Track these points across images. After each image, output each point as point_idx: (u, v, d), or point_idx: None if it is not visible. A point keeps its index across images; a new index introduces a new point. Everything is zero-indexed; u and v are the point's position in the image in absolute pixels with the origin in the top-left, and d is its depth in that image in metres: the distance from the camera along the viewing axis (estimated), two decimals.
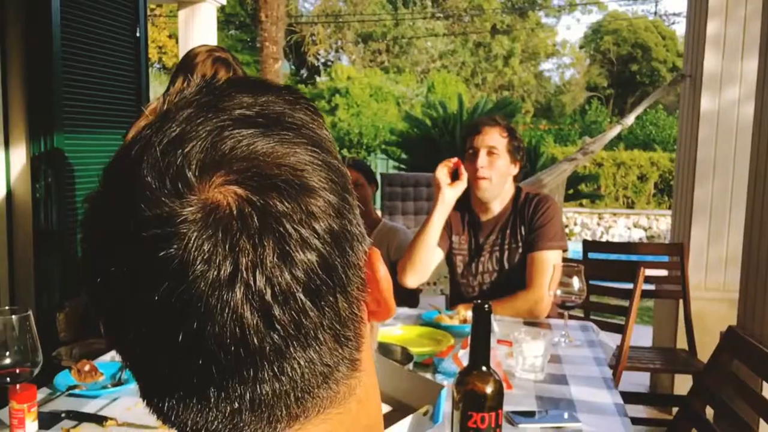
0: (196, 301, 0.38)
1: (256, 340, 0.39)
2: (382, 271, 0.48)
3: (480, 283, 2.48)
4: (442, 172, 2.38)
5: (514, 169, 2.46)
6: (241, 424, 0.42)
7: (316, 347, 0.42)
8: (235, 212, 0.39)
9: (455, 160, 2.41)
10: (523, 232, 2.43)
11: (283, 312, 0.40)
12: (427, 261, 2.42)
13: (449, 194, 2.37)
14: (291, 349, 0.41)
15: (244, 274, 0.39)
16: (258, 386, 0.41)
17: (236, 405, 0.41)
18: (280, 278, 0.39)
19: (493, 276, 2.47)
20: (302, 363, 0.41)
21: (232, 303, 0.38)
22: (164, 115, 0.44)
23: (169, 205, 0.39)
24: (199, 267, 0.38)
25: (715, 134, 3.54)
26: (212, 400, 0.41)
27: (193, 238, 0.38)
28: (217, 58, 2.20)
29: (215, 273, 0.38)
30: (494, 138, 2.40)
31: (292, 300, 0.40)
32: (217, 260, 0.38)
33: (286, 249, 0.39)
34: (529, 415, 1.53)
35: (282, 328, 0.40)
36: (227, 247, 0.38)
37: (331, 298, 0.42)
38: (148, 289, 0.39)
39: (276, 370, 0.41)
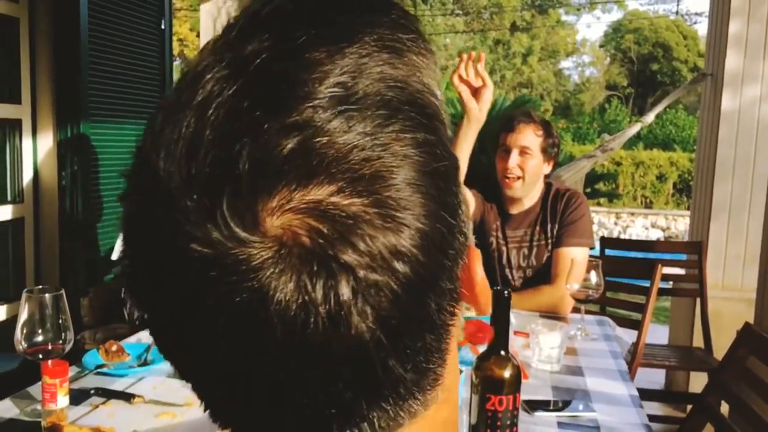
0: (266, 360, 0.33)
1: (323, 396, 0.34)
2: (480, 274, 0.43)
3: (502, 277, 2.48)
4: (463, 89, 2.04)
5: (548, 168, 2.42)
6: None
7: (392, 399, 0.36)
8: (304, 259, 0.32)
9: (465, 58, 2.06)
10: (552, 228, 2.41)
11: (355, 370, 0.34)
12: None
13: (474, 109, 2.03)
14: (363, 404, 0.35)
15: (319, 333, 0.32)
16: None
17: None
18: (356, 335, 0.33)
19: (519, 271, 2.46)
20: (376, 416, 0.36)
21: (302, 360, 0.33)
22: (212, 67, 0.33)
23: (221, 245, 0.32)
24: (275, 318, 0.32)
25: (735, 133, 3.53)
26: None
27: (264, 280, 0.32)
28: None
29: (288, 329, 0.32)
30: (528, 137, 2.35)
31: (367, 359, 0.34)
32: (291, 315, 0.32)
33: (368, 300, 0.33)
34: (544, 404, 1.55)
35: (356, 389, 0.35)
36: (299, 300, 0.32)
37: (418, 343, 0.36)
38: (204, 338, 0.34)
39: (348, 425, 0.36)
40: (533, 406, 1.52)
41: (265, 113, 0.31)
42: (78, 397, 1.42)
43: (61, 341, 1.39)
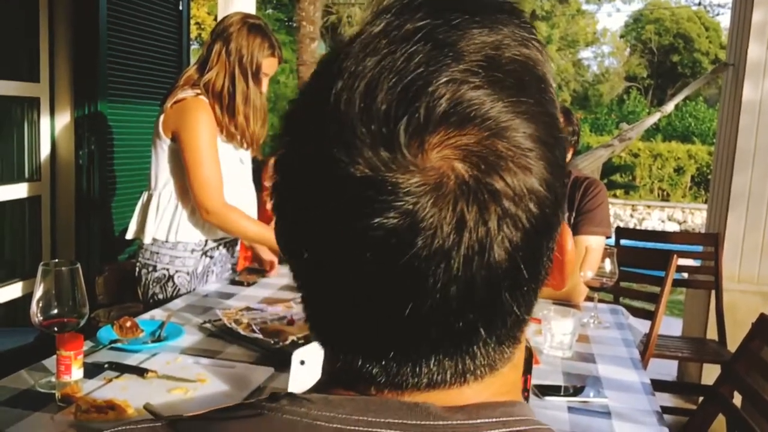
0: (410, 274, 0.39)
1: (452, 318, 0.40)
2: (569, 246, 0.48)
3: None
4: None
5: (567, 155, 2.41)
6: (403, 377, 0.43)
7: (501, 324, 0.43)
8: (462, 189, 0.38)
9: None
10: (570, 216, 2.40)
11: (488, 291, 0.40)
12: None
13: None
14: (479, 325, 0.42)
15: (462, 254, 0.39)
16: (434, 355, 0.43)
17: (414, 369, 0.43)
18: (493, 255, 0.39)
19: None
20: (484, 337, 0.43)
21: (443, 279, 0.39)
22: (388, 39, 0.40)
23: (385, 167, 0.38)
24: (420, 241, 0.38)
25: (756, 124, 3.49)
26: (387, 356, 0.43)
27: (418, 211, 0.38)
28: (251, 25, 2.19)
29: (435, 248, 0.38)
30: None
31: (497, 279, 0.40)
32: (441, 235, 0.38)
33: (503, 229, 0.39)
34: (555, 389, 1.55)
35: (478, 311, 0.41)
36: (453, 224, 0.38)
37: (524, 287, 0.43)
38: (351, 253, 0.39)
39: (458, 344, 0.42)
40: (544, 391, 1.52)
41: (434, 68, 0.38)
42: (92, 370, 1.43)
43: (76, 315, 1.40)
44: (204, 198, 2.11)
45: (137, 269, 2.27)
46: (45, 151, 3.25)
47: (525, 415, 0.46)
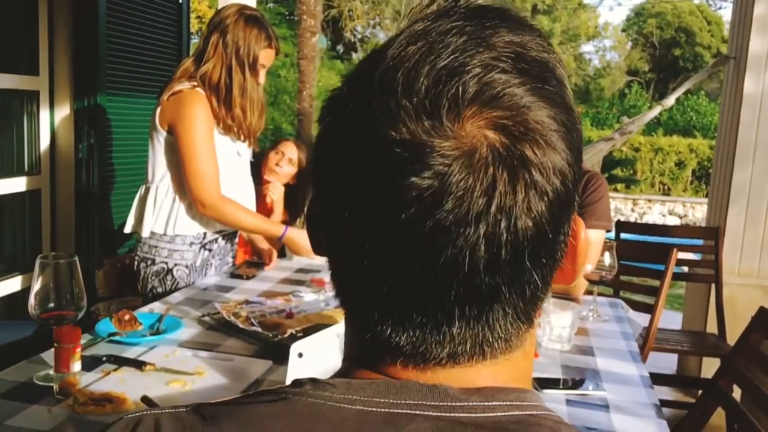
0: (440, 233, 0.42)
1: (478, 279, 0.43)
2: (583, 234, 0.51)
3: None
4: None
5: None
6: (427, 347, 0.46)
7: (519, 298, 0.46)
8: (493, 154, 0.42)
9: None
10: None
11: (512, 258, 0.43)
12: None
13: None
14: (502, 293, 0.44)
15: (491, 217, 0.42)
16: (457, 322, 0.45)
17: (429, 332, 0.45)
18: (519, 223, 0.42)
19: None
20: (504, 309, 0.45)
21: (471, 239, 0.42)
22: (427, 34, 0.45)
23: (424, 133, 0.42)
24: (450, 203, 0.41)
25: (757, 117, 3.47)
26: (412, 323, 0.45)
27: (451, 173, 0.41)
28: (248, 16, 2.18)
29: (466, 209, 0.41)
30: None
31: (521, 247, 0.43)
32: (472, 198, 0.41)
33: (530, 195, 0.42)
34: (554, 382, 1.55)
35: (504, 272, 0.43)
36: (483, 186, 0.41)
37: (545, 254, 0.45)
38: (385, 207, 0.43)
39: (480, 311, 0.45)
40: (543, 384, 1.52)
41: (468, 53, 0.43)
42: (90, 363, 1.43)
43: (74, 308, 1.40)
44: (199, 191, 2.11)
45: (136, 263, 2.27)
46: (44, 144, 3.25)
47: (536, 401, 0.49)
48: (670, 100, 4.28)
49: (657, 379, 2.84)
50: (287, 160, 2.97)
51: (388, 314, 0.46)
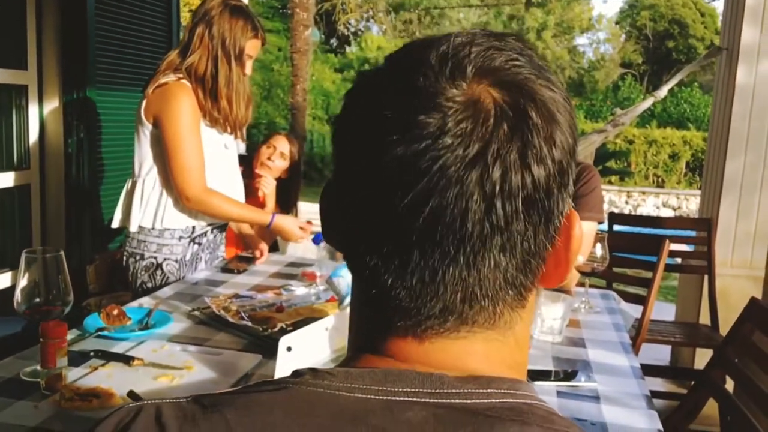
0: (437, 169, 0.44)
1: (470, 223, 0.45)
2: (578, 231, 0.53)
3: None
4: None
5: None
6: (423, 300, 0.48)
7: (509, 256, 0.48)
8: (496, 107, 0.46)
9: None
10: None
11: (503, 207, 0.45)
12: None
13: None
14: (493, 242, 0.46)
15: (488, 160, 0.44)
16: (451, 266, 0.47)
17: (427, 278, 0.48)
18: (513, 177, 0.45)
19: None
20: (493, 262, 0.47)
21: (465, 180, 0.44)
22: (449, 35, 0.51)
23: (441, 84, 0.46)
24: (450, 140, 0.44)
25: (749, 108, 3.47)
26: (410, 265, 0.47)
27: (453, 113, 0.45)
28: (233, 7, 2.16)
29: (462, 150, 0.44)
30: None
31: (513, 200, 0.45)
32: (470, 140, 0.44)
33: (527, 155, 0.45)
34: (545, 374, 1.55)
35: (495, 220, 0.45)
36: (482, 132, 0.45)
37: (537, 219, 0.47)
38: (393, 143, 0.45)
39: (472, 256, 0.47)
40: (534, 376, 1.51)
41: (488, 47, 0.49)
42: (77, 359, 1.42)
43: (60, 303, 1.39)
44: (184, 184, 2.09)
45: (125, 258, 2.25)
46: (33, 139, 3.22)
47: (530, 392, 0.50)
48: (663, 92, 4.28)
49: (650, 370, 2.85)
50: (279, 154, 2.96)
51: (390, 259, 0.48)
